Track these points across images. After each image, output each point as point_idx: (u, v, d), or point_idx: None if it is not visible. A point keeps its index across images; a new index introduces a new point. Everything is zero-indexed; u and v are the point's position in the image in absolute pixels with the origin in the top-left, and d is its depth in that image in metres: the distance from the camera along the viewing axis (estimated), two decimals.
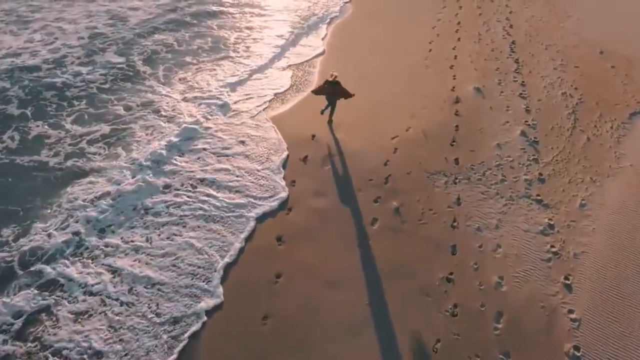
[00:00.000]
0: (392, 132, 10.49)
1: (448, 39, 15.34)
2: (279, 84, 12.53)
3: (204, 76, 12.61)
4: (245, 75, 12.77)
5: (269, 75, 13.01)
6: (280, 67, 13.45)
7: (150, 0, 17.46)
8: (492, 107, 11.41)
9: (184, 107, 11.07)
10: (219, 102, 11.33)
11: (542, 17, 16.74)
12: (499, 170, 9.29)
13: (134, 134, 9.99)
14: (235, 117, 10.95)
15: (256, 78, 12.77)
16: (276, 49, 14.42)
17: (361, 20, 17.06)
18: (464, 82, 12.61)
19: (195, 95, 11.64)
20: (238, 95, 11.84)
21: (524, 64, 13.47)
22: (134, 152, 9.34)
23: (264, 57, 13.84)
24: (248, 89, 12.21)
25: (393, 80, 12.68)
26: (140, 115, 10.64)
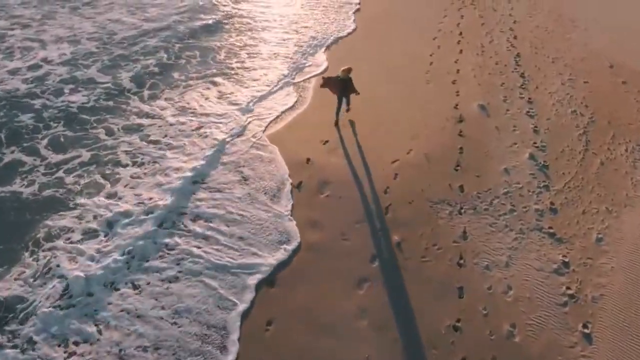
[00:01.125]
0: (392, 155, 10.07)
1: (450, 51, 14.98)
2: (281, 102, 12.11)
3: (196, 96, 12.15)
4: (242, 95, 12.28)
5: (268, 93, 12.49)
6: (281, 84, 12.94)
7: (139, 12, 17.04)
8: (497, 127, 11.00)
9: (172, 130, 10.58)
10: (212, 125, 10.85)
11: (547, 27, 16.43)
12: (507, 199, 8.85)
13: (118, 161, 9.50)
14: (232, 141, 10.39)
15: (253, 97, 12.24)
16: (277, 66, 13.91)
17: (364, 35, 16.72)
18: (468, 98, 12.22)
19: (188, 117, 11.16)
20: (234, 116, 11.35)
21: (530, 79, 13.10)
22: (118, 184, 8.83)
23: (262, 76, 13.33)
24: (245, 109, 11.73)
25: (393, 97, 12.28)
26: (124, 140, 10.16)
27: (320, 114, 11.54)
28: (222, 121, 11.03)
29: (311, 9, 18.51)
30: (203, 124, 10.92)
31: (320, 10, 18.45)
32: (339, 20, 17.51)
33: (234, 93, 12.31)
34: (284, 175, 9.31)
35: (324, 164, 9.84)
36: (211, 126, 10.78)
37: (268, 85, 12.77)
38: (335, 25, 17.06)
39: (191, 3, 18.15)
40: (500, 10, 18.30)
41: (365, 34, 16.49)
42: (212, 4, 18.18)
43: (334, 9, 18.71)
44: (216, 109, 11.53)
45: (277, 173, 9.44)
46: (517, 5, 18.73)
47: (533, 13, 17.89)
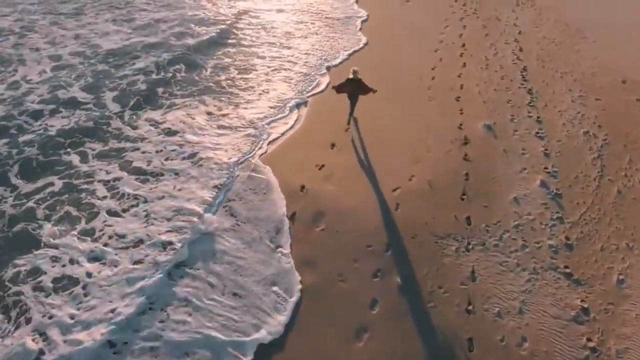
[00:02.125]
0: (393, 183, 9.57)
1: (452, 64, 14.55)
2: (280, 123, 11.66)
3: (185, 117, 11.64)
4: (236, 117, 11.75)
5: (264, 116, 11.93)
6: (279, 105, 12.41)
7: (126, 23, 16.59)
8: (505, 150, 10.52)
9: (157, 158, 10.03)
10: (202, 151, 10.33)
11: (554, 38, 16.03)
12: (518, 233, 8.34)
13: (94, 193, 8.95)
14: (223, 171, 9.81)
15: (248, 119, 11.71)
16: (275, 85, 13.39)
17: (364, 49, 16.30)
18: (473, 117, 11.75)
19: (174, 141, 10.63)
20: (227, 140, 10.83)
21: (538, 96, 12.66)
22: (95, 221, 8.26)
23: (259, 95, 12.83)
24: (237, 131, 11.23)
25: (393, 116, 11.83)
26: (100, 168, 9.63)
27: (315, 135, 11.13)
28: (213, 146, 10.50)
29: (316, 26, 17.98)
30: (191, 147, 10.38)
31: (325, 26, 17.89)
32: (341, 38, 16.97)
33: (228, 115, 11.82)
34: (281, 215, 8.73)
35: (319, 192, 9.34)
36: (201, 152, 10.24)
37: (264, 106, 12.26)
38: (335, 44, 16.40)
39: (184, 13, 17.65)
40: (504, 20, 17.92)
41: (367, 48, 16.06)
42: (208, 15, 17.68)
43: (340, 22, 18.16)
44: (207, 132, 11.01)
45: (274, 212, 8.84)
46: (521, 14, 18.36)
47: (539, 23, 17.50)
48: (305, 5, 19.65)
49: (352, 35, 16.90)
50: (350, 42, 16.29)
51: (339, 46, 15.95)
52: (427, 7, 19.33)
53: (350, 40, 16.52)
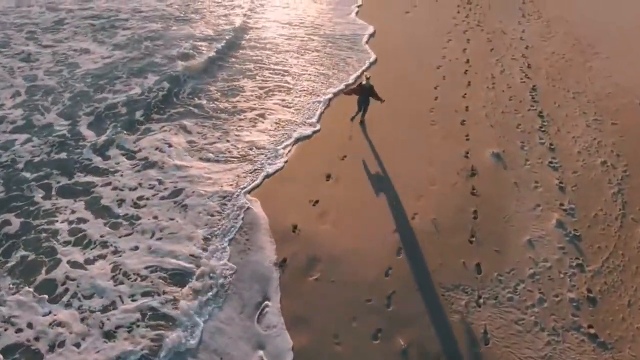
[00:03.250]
0: (394, 222, 8.96)
1: (456, 82, 14.01)
2: (275, 153, 10.96)
3: (165, 146, 11.01)
4: (224, 146, 11.10)
5: (258, 141, 11.35)
6: (275, 132, 11.78)
7: (106, 39, 15.99)
8: (516, 183, 9.93)
9: (131, 197, 9.36)
10: (182, 187, 9.67)
11: (564, 54, 15.53)
12: (534, 284, 7.73)
13: (55, 235, 8.26)
14: (210, 215, 9.10)
15: (238, 151, 11.05)
16: (271, 109, 12.69)
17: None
18: (480, 144, 11.18)
19: (153, 174, 9.97)
20: (213, 172, 10.20)
21: (549, 119, 12.10)
22: (56, 270, 7.58)
23: (253, 124, 12.14)
24: (229, 161, 10.62)
25: (393, 143, 11.25)
26: (65, 206, 8.95)
27: (310, 164, 10.62)
28: (197, 181, 9.83)
29: (316, 42, 17.41)
30: (172, 182, 9.72)
31: (328, 43, 17.25)
32: (349, 57, 16.37)
33: (214, 143, 11.20)
34: (270, 264, 8.07)
35: (313, 234, 8.74)
36: (183, 188, 9.58)
37: (256, 134, 11.63)
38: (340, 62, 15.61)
39: (169, 27, 17.06)
40: (510, 33, 17.43)
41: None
42: (194, 30, 17.06)
43: (343, 39, 17.56)
44: (190, 163, 10.36)
45: (261, 260, 8.18)
46: (528, 27, 17.88)
47: (547, 36, 17.01)
48: (302, 19, 19.05)
49: (357, 53, 16.23)
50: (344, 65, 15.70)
51: (341, 66, 15.26)
52: (428, 19, 18.84)
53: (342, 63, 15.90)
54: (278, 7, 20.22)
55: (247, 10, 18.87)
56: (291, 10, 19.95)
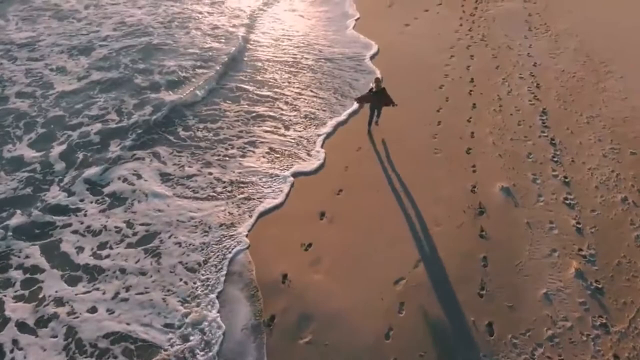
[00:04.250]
0: (395, 271, 8.37)
1: (461, 105, 13.43)
2: (263, 192, 10.26)
3: (137, 179, 10.35)
4: (208, 185, 10.45)
5: (247, 175, 10.75)
6: (268, 165, 11.15)
7: (82, 56, 15.36)
8: (529, 224, 9.28)
9: (90, 246, 8.64)
10: (157, 232, 8.97)
11: (574, 72, 14.98)
12: (554, 348, 7.08)
13: (4, 286, 7.55)
14: (189, 272, 8.36)
15: (227, 181, 10.48)
16: (261, 138, 12.02)
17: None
18: (488, 177, 10.56)
19: (121, 215, 9.29)
20: (194, 212, 9.53)
21: (562, 147, 11.50)
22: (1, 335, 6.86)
23: (239, 149, 11.58)
24: (211, 198, 9.98)
25: (393, 175, 10.67)
26: (20, 249, 8.25)
27: (302, 200, 10.07)
28: (175, 224, 9.14)
29: (312, 61, 16.84)
30: (143, 226, 9.02)
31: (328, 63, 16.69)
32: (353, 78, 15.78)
33: (193, 177, 10.60)
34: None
35: (304, 285, 8.11)
36: (156, 234, 8.88)
37: (246, 168, 11.01)
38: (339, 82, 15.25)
39: (150, 42, 16.40)
40: (516, 49, 16.90)
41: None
42: (178, 46, 16.44)
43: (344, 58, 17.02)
44: (167, 202, 9.69)
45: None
46: (535, 42, 17.36)
47: (556, 52, 16.48)
48: (298, 36, 18.51)
49: (363, 74, 15.53)
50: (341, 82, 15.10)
51: (345, 90, 14.55)
52: (429, 32, 18.30)
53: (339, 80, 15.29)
54: (270, 23, 19.62)
55: (236, 27, 18.22)
56: (284, 25, 19.38)
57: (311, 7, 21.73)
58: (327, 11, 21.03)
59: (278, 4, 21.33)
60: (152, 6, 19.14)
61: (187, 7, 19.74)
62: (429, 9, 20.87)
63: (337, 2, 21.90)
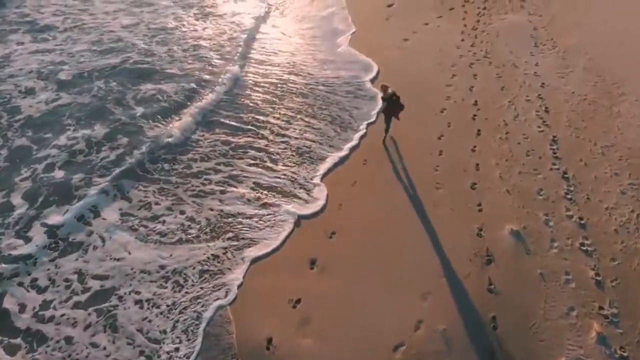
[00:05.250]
0: (394, 335, 7.74)
1: (464, 131, 12.81)
2: (255, 239, 9.54)
3: (100, 224, 9.58)
4: (181, 231, 9.72)
5: (227, 221, 9.95)
6: (258, 208, 10.38)
7: (51, 75, 14.64)
8: (543, 275, 8.61)
9: (32, 305, 7.83)
10: (119, 296, 8.19)
11: (586, 95, 14.39)
12: None
13: None
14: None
15: (204, 227, 9.72)
16: (249, 176, 11.22)
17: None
18: (495, 217, 9.92)
19: (72, 267, 8.49)
20: (164, 263, 8.79)
21: (576, 182, 10.86)
22: None
23: (220, 188, 10.81)
24: (188, 247, 9.24)
25: (392, 213, 10.11)
26: None
27: (291, 246, 9.42)
28: (132, 274, 8.38)
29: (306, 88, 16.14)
30: (98, 283, 8.22)
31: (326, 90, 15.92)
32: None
33: (163, 218, 9.74)
34: None
35: (292, 351, 7.49)
36: (108, 289, 8.12)
37: (232, 212, 10.25)
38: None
39: (128, 59, 15.66)
40: (522, 67, 16.32)
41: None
42: (159, 65, 15.68)
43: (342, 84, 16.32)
44: (127, 248, 8.90)
45: None
46: (542, 59, 16.78)
47: (564, 71, 15.90)
48: (289, 55, 17.81)
49: (365, 101, 14.68)
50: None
51: (344, 121, 13.51)
52: (429, 48, 17.68)
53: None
54: (256, 42, 18.76)
55: (219, 46, 17.42)
56: (270, 46, 18.47)
57: (297, 24, 20.69)
58: (313, 28, 20.05)
59: (264, 24, 20.26)
60: (134, 21, 18.39)
61: (170, 23, 18.99)
62: (428, 22, 20.25)
63: (324, 17, 21.00)
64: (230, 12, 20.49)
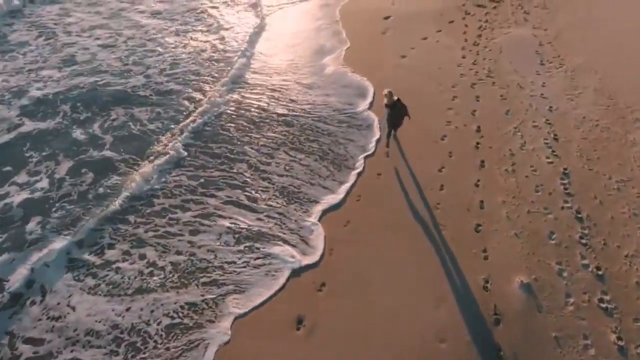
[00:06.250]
0: None
1: (466, 162, 12.16)
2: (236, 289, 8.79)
3: (51, 272, 8.80)
4: (154, 278, 8.97)
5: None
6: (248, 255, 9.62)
7: (17, 101, 13.85)
8: (558, 339, 7.93)
9: None
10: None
11: (597, 120, 13.77)
12: None
13: None
14: None
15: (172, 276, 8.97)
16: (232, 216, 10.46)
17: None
18: (503, 266, 9.27)
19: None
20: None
21: (591, 224, 10.21)
22: None
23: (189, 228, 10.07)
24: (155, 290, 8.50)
25: (388, 261, 9.42)
26: None
27: (274, 303, 8.66)
28: (75, 349, 7.53)
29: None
30: (32, 350, 7.42)
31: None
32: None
33: (123, 272, 8.96)
34: None
35: None
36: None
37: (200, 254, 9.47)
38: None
39: (97, 82, 14.88)
40: (528, 88, 15.71)
41: None
42: (131, 88, 14.93)
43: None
44: (72, 310, 8.11)
45: None
46: (549, 79, 16.19)
47: (573, 93, 15.28)
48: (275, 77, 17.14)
49: (362, 132, 13.59)
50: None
51: (338, 157, 12.57)
52: (429, 66, 17.05)
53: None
54: (240, 59, 18.23)
55: (198, 64, 16.62)
56: (259, 63, 17.78)
57: (287, 40, 19.79)
58: (303, 45, 19.03)
59: (251, 42, 18.86)
60: (112, 38, 17.67)
61: (151, 39, 18.22)
62: (427, 37, 19.68)
63: (316, 31, 20.18)
64: (215, 28, 19.75)
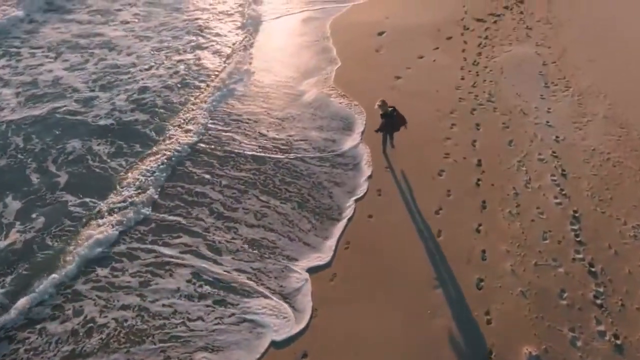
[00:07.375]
0: None
1: (466, 202, 11.51)
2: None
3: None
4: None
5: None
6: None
7: None
8: None
9: None
10: None
11: (609, 152, 13.11)
12: None
13: None
14: None
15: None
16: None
17: None
18: (508, 334, 8.56)
19: None
20: None
21: (606, 281, 9.52)
22: None
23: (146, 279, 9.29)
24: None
25: (374, 326, 8.60)
26: None
27: None
28: None
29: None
30: None
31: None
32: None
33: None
34: None
35: None
36: None
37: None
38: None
39: (62, 109, 14.10)
40: (532, 115, 15.05)
41: None
42: (94, 116, 14.11)
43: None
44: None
45: None
46: (554, 104, 15.54)
47: (581, 121, 14.64)
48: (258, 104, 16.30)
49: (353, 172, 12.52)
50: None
51: (324, 204, 11.33)
52: (425, 89, 16.33)
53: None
54: (220, 88, 17.45)
55: (166, 89, 15.76)
56: (236, 89, 16.74)
57: (271, 63, 18.69)
58: (290, 65, 18.22)
59: (229, 64, 17.71)
60: (80, 59, 16.84)
61: (123, 60, 17.39)
62: (424, 55, 19.02)
63: (305, 49, 19.46)
64: (190, 47, 18.81)
